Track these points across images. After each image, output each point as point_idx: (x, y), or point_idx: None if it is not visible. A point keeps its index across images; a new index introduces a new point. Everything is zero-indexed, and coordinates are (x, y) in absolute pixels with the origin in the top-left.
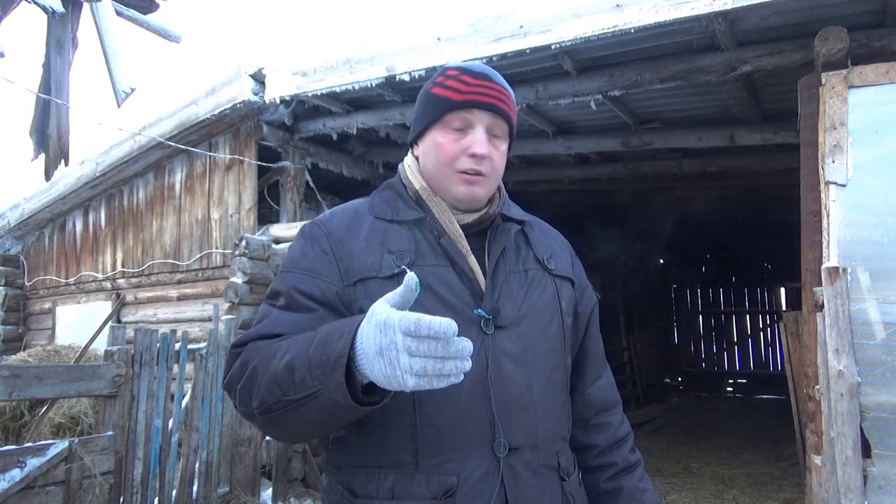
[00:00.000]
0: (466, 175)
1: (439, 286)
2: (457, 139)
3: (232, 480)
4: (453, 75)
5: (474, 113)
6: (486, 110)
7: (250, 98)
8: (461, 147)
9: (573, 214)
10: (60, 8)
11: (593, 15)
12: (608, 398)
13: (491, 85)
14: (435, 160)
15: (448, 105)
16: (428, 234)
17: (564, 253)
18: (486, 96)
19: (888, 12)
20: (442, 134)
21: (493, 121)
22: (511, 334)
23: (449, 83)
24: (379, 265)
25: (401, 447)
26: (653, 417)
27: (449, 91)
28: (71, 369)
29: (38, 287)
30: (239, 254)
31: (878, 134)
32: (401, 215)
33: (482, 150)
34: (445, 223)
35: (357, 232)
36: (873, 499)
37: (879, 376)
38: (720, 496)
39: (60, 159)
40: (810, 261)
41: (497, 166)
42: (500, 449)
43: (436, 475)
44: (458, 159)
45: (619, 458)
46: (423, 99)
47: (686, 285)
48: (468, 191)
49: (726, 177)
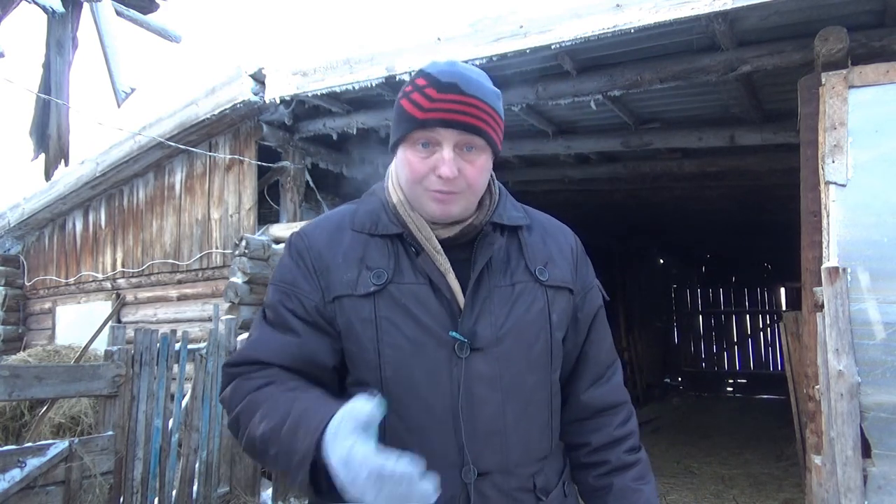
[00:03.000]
0: (436, 194)
1: (416, 307)
2: (424, 157)
3: (232, 480)
4: (420, 86)
5: (440, 131)
6: (452, 128)
7: (250, 98)
8: (428, 166)
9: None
10: (60, 8)
11: (593, 15)
12: (609, 401)
13: (457, 98)
14: (405, 177)
15: (412, 123)
16: (407, 249)
17: (565, 257)
18: (451, 112)
19: (888, 12)
20: (410, 151)
21: (463, 137)
22: (488, 357)
23: (414, 96)
24: (355, 282)
25: None
26: (653, 417)
27: (412, 106)
28: (71, 369)
29: (38, 287)
30: (239, 254)
31: (878, 134)
32: (380, 229)
33: (447, 173)
34: (423, 240)
35: (337, 245)
36: (873, 499)
37: (879, 376)
38: (720, 496)
39: (60, 159)
40: (810, 261)
41: (473, 180)
42: (469, 475)
43: None
44: (426, 178)
45: (613, 457)
46: (395, 108)
47: (686, 285)
48: (440, 209)
49: (726, 177)
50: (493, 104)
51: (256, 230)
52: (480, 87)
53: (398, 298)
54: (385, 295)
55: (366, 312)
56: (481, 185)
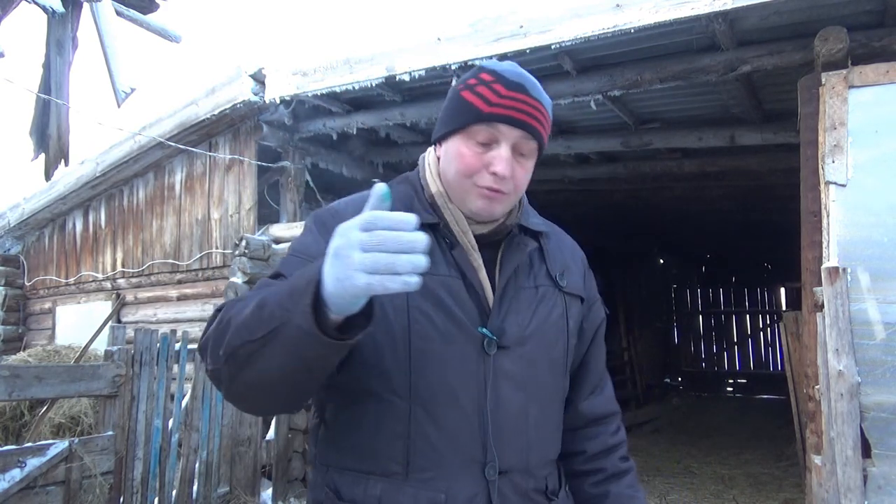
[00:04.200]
0: (485, 191)
1: (448, 298)
2: (480, 153)
3: (232, 480)
4: (486, 80)
5: (501, 128)
6: (515, 127)
7: (250, 98)
8: (483, 162)
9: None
10: (60, 8)
11: (593, 15)
12: (603, 411)
13: (524, 98)
14: (455, 170)
15: (474, 115)
16: (441, 241)
17: (577, 267)
18: (517, 111)
19: (888, 12)
20: (465, 144)
21: (522, 138)
22: (514, 356)
23: (479, 89)
24: None
25: (392, 456)
26: (653, 417)
27: (478, 99)
28: (71, 369)
29: (38, 287)
30: (239, 254)
31: (878, 134)
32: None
33: (504, 171)
34: (459, 233)
35: None
36: (873, 499)
37: (879, 376)
38: (720, 496)
39: (60, 159)
40: (810, 261)
41: (520, 184)
42: (491, 472)
43: (424, 490)
44: (478, 174)
45: (609, 465)
46: (451, 99)
47: (686, 285)
48: (486, 206)
49: (726, 177)
50: (549, 111)
51: (256, 230)
52: (542, 93)
53: (432, 289)
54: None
55: (398, 300)
56: (524, 189)
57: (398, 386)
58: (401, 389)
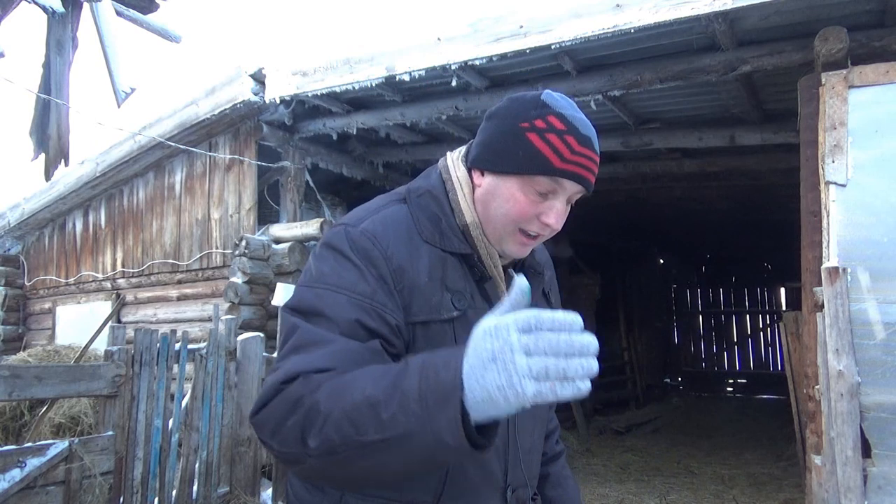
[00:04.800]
0: (527, 237)
1: None
2: (536, 202)
3: (232, 480)
4: (558, 129)
5: (567, 184)
6: (580, 184)
7: (250, 98)
8: (537, 210)
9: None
10: (60, 8)
11: (593, 15)
12: None
13: (591, 156)
14: (504, 212)
15: (545, 168)
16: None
17: (554, 277)
18: (586, 169)
19: (888, 12)
20: (523, 191)
21: (579, 193)
22: None
23: (552, 138)
24: (439, 306)
25: (424, 487)
26: (653, 417)
27: (550, 151)
28: (71, 369)
29: (38, 287)
30: (239, 254)
31: (878, 134)
32: (447, 244)
33: (556, 224)
34: (490, 267)
35: (417, 260)
36: (873, 499)
37: (879, 376)
38: (720, 496)
39: (60, 159)
40: (810, 261)
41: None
42: (510, 494)
43: None
44: (528, 221)
45: (548, 448)
46: (512, 136)
47: (686, 285)
48: (521, 250)
49: (726, 177)
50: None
51: (256, 230)
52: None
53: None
54: (462, 320)
55: (447, 338)
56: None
57: None
58: None
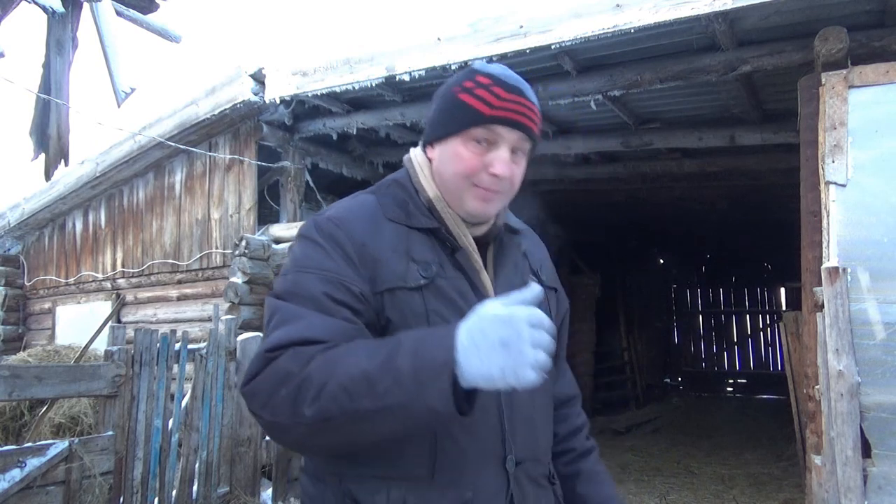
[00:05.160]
0: (483, 191)
1: (460, 299)
2: (479, 153)
3: (232, 480)
4: (484, 84)
5: (501, 130)
6: (515, 128)
7: (250, 98)
8: (482, 162)
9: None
10: (60, 8)
11: (593, 15)
12: (569, 393)
13: (523, 101)
14: (453, 171)
15: (476, 118)
16: (443, 244)
17: (549, 261)
18: (517, 114)
19: (888, 12)
20: (464, 145)
21: (520, 139)
22: None
23: (479, 92)
24: (405, 274)
25: (417, 460)
26: (653, 417)
27: (478, 102)
28: (71, 369)
29: (38, 287)
30: (239, 254)
31: (878, 134)
32: (416, 222)
33: (504, 172)
34: (460, 236)
35: (380, 235)
36: (873, 499)
37: (879, 376)
38: (720, 496)
39: (60, 159)
40: (810, 261)
41: (515, 184)
42: (510, 464)
43: (451, 489)
44: (477, 174)
45: (577, 444)
46: (447, 102)
47: (686, 285)
48: (482, 207)
49: (726, 177)
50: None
51: (256, 230)
52: (533, 94)
53: (445, 292)
54: (432, 288)
55: (417, 305)
56: (517, 190)
57: None
58: None
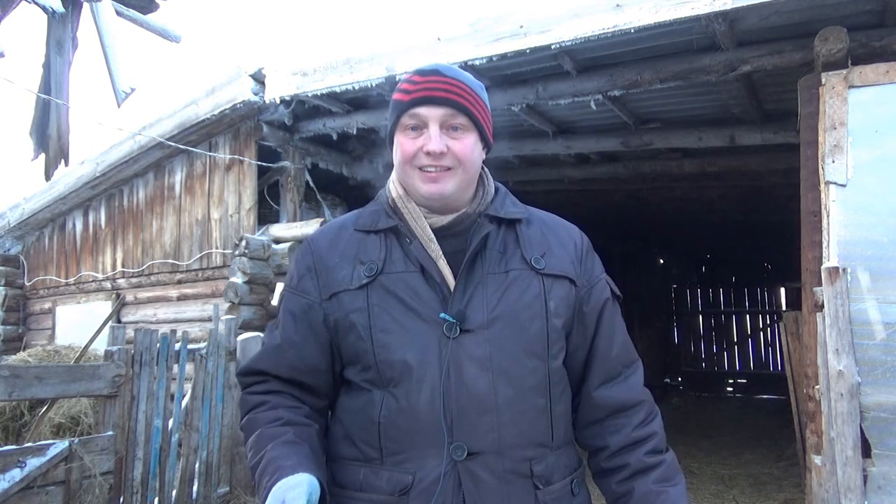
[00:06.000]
0: (427, 172)
1: (405, 293)
2: (414, 138)
3: (232, 480)
4: (406, 78)
5: (424, 109)
6: (436, 105)
7: (250, 98)
8: (417, 145)
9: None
10: (60, 8)
11: (593, 15)
12: (624, 400)
13: (438, 79)
14: (398, 162)
15: (400, 108)
16: (403, 240)
17: (567, 249)
18: (433, 90)
19: (888, 12)
20: (401, 136)
21: (447, 114)
22: (478, 338)
23: (402, 86)
24: (350, 277)
25: (369, 442)
26: None
27: (400, 94)
28: (71, 369)
29: (38, 287)
30: (239, 254)
31: (878, 134)
32: (379, 224)
33: (434, 147)
34: (416, 228)
35: (335, 246)
36: (873, 499)
37: (879, 376)
38: (720, 496)
39: (60, 159)
40: (810, 261)
41: (463, 156)
42: (457, 452)
43: (395, 472)
44: (415, 157)
45: (633, 460)
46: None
47: (686, 285)
48: (433, 188)
49: (726, 177)
50: (474, 88)
51: (256, 230)
52: (460, 73)
53: (388, 287)
54: (376, 285)
55: (359, 303)
56: (473, 163)
57: (372, 377)
58: (374, 379)
